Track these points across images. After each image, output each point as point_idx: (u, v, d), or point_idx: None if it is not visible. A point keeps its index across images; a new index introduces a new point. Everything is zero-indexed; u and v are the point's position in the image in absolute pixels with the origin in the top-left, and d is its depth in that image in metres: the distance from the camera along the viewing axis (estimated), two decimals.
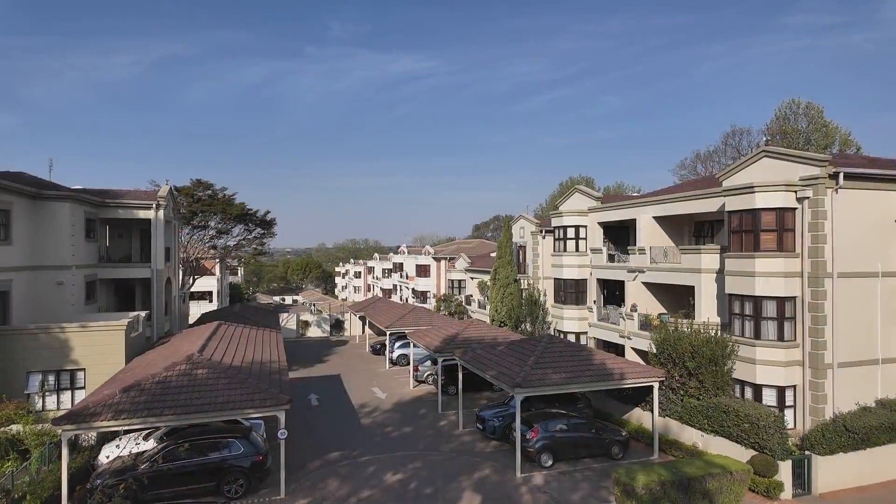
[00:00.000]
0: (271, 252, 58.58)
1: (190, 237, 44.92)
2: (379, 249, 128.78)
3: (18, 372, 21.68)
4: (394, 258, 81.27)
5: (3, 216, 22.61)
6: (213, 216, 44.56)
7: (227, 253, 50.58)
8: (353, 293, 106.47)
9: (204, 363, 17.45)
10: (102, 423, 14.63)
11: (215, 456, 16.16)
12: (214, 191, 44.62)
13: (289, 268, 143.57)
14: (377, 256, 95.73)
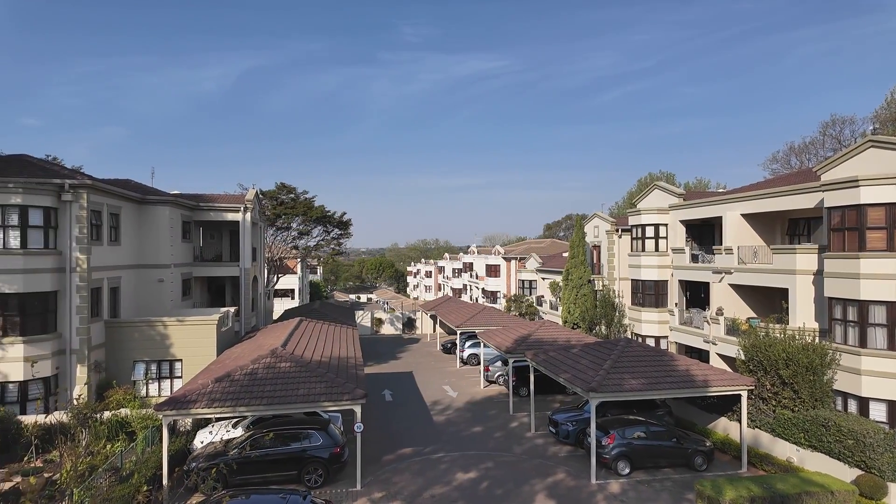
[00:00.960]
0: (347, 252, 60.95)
1: (274, 238, 47.54)
2: (449, 249, 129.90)
3: (126, 360, 23.97)
4: (463, 258, 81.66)
5: (113, 220, 25.06)
6: (295, 218, 46.85)
7: (308, 253, 52.99)
8: (424, 292, 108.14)
9: (287, 357, 18.40)
10: (198, 410, 15.84)
11: (296, 446, 16.99)
12: (296, 194, 46.93)
13: (364, 267, 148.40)
14: (447, 256, 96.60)
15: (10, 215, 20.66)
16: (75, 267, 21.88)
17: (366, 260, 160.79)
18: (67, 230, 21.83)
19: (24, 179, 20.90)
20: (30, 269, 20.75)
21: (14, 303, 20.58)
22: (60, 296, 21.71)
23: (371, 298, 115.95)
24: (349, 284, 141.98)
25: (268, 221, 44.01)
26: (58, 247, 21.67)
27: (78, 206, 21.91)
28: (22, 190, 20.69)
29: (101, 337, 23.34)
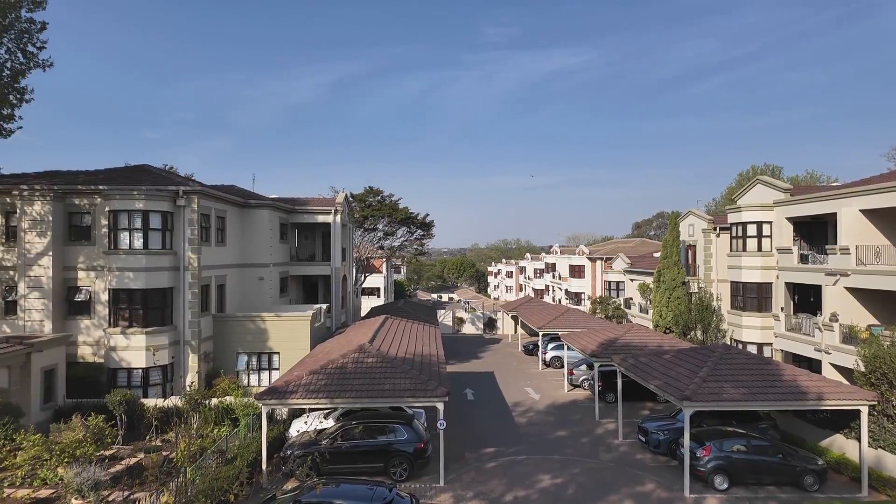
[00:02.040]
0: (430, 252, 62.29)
1: (362, 238, 49.53)
2: (530, 249, 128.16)
3: (231, 352, 26.03)
4: (546, 258, 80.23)
5: (220, 222, 27.31)
6: (381, 220, 48.55)
7: (392, 253, 54.67)
8: (505, 292, 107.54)
9: (373, 353, 19.08)
10: (294, 401, 16.87)
11: (383, 439, 17.57)
12: (383, 197, 48.62)
13: (445, 267, 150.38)
14: (528, 256, 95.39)
15: (135, 219, 23.18)
16: (188, 266, 24.11)
17: (447, 260, 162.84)
18: (181, 232, 24.11)
19: (145, 187, 23.37)
20: (151, 268, 23.16)
21: (138, 297, 23.07)
22: (175, 292, 24.02)
23: (452, 298, 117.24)
24: (431, 284, 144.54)
25: (356, 223, 45.90)
26: (173, 247, 24.00)
27: (190, 211, 24.14)
28: (144, 196, 23.15)
29: (209, 330, 25.54)
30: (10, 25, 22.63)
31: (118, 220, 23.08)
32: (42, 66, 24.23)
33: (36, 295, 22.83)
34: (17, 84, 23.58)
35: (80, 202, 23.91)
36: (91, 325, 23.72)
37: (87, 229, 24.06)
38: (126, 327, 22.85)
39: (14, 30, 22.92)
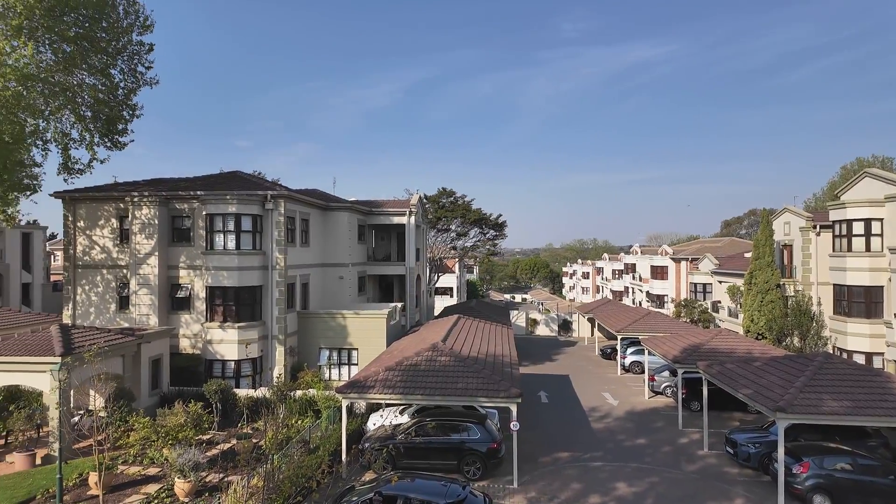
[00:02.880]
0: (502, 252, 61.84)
1: (435, 239, 50.30)
2: (608, 249, 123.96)
3: (313, 347, 27.40)
4: (625, 258, 77.29)
5: (304, 224, 28.81)
6: (454, 220, 49.05)
7: (465, 253, 55.04)
8: (581, 294, 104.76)
9: (446, 351, 19.35)
10: (372, 395, 17.49)
11: (456, 437, 17.77)
12: (456, 198, 49.12)
13: (518, 267, 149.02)
14: (606, 257, 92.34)
15: (228, 222, 25.01)
16: (275, 265, 25.67)
17: (520, 260, 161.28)
18: (269, 234, 25.71)
19: (237, 192, 25.16)
20: (243, 267, 24.89)
21: (231, 294, 24.88)
22: (264, 290, 25.64)
23: (525, 298, 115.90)
24: (504, 284, 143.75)
25: (429, 224, 46.69)
26: (262, 248, 25.64)
27: (277, 214, 25.68)
28: (236, 201, 24.92)
29: (294, 325, 27.03)
30: (123, 48, 25.16)
31: (214, 223, 25.02)
32: (149, 83, 26.73)
33: (144, 291, 25.26)
34: (130, 101, 26.18)
35: (181, 207, 26.16)
36: (190, 319, 25.88)
37: (188, 231, 26.28)
38: (221, 322, 24.72)
39: (126, 52, 25.46)
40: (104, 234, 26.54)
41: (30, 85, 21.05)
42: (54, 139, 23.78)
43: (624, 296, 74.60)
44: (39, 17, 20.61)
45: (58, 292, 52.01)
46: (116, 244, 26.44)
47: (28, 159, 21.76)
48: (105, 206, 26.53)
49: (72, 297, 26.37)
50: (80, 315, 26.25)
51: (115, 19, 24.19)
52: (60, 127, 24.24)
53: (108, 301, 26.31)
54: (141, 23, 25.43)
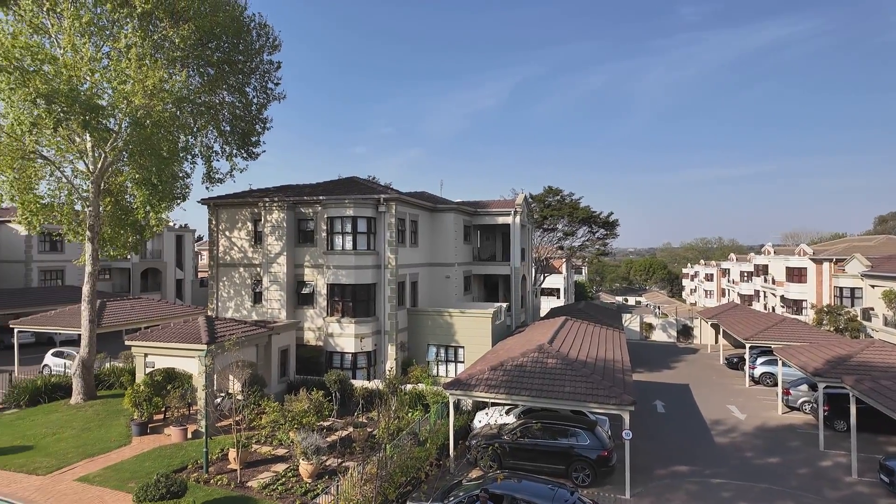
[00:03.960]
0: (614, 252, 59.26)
1: (540, 239, 49.54)
2: (735, 249, 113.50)
3: (422, 343, 28.33)
4: (755, 259, 70.22)
5: (413, 225, 29.91)
6: (561, 219, 47.94)
7: (573, 253, 53.54)
8: (704, 297, 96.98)
9: (553, 354, 18.99)
10: (477, 393, 17.70)
11: (564, 442, 17.37)
12: (562, 196, 48.00)
13: (631, 268, 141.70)
14: (733, 257, 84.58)
15: (346, 224, 26.72)
16: (387, 264, 26.95)
17: (634, 261, 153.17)
18: (382, 235, 27.05)
19: (353, 196, 26.79)
20: (358, 266, 26.46)
21: (348, 292, 26.55)
22: (377, 287, 27.03)
23: (640, 301, 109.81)
24: (615, 286, 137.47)
25: (535, 223, 46.08)
26: (376, 248, 27.05)
27: (389, 216, 26.94)
28: (353, 204, 26.54)
29: (404, 322, 28.17)
30: (255, 68, 27.96)
31: (333, 225, 26.89)
32: (278, 98, 29.41)
33: (275, 288, 27.81)
34: (261, 116, 29.01)
35: (306, 210, 28.43)
36: (314, 314, 28.02)
37: (311, 233, 28.49)
38: (339, 317, 26.49)
39: (258, 71, 28.25)
40: (241, 236, 29.66)
41: (182, 106, 24.16)
42: (200, 153, 27.06)
43: (754, 300, 67.84)
44: (189, 47, 23.58)
45: (204, 287, 59.23)
46: (251, 245, 29.41)
47: (180, 171, 25.00)
48: (241, 211, 29.63)
49: (215, 291, 29.80)
50: (221, 308, 29.58)
51: (248, 42, 26.96)
52: (205, 141, 27.55)
53: (244, 296, 29.35)
54: (270, 43, 28.08)
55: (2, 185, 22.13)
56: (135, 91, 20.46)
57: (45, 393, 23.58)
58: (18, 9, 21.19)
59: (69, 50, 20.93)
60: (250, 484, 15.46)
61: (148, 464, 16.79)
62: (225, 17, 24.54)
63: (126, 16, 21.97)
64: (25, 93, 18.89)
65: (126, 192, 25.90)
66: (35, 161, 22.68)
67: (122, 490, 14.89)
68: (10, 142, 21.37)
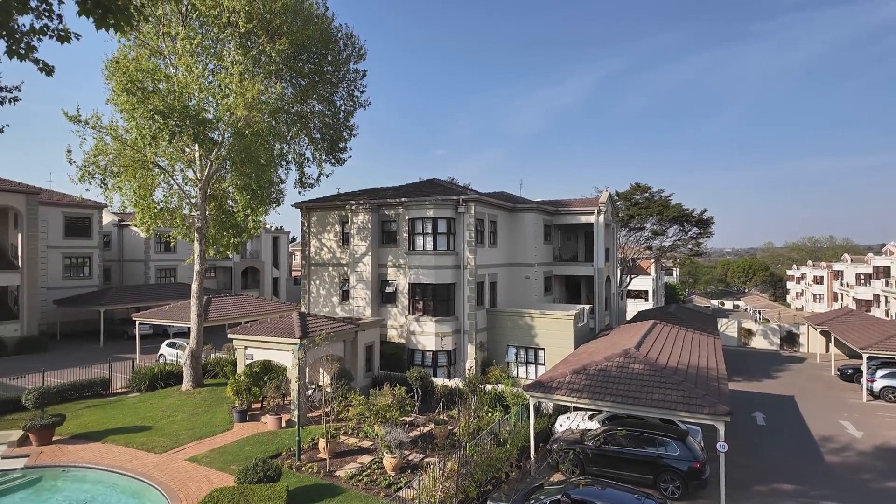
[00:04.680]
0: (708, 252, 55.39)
1: (627, 238, 47.61)
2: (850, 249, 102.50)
3: (501, 344, 28.25)
4: (874, 260, 62.99)
5: (492, 226, 29.93)
6: (649, 218, 45.82)
7: (662, 253, 50.94)
8: (812, 302, 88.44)
9: (639, 359, 18.21)
10: (558, 397, 17.38)
11: (651, 451, 16.61)
12: (651, 193, 45.87)
13: (728, 269, 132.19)
14: (847, 258, 76.42)
15: (426, 225, 27.28)
16: (466, 264, 27.18)
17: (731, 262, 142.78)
18: (461, 235, 27.33)
19: (433, 198, 27.29)
20: (438, 266, 26.92)
21: (429, 291, 27.09)
22: (457, 287, 27.34)
23: (737, 305, 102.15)
24: (710, 289, 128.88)
25: (621, 222, 44.36)
26: (455, 249, 27.37)
27: (468, 216, 27.16)
28: (433, 206, 27.04)
29: (483, 322, 28.25)
30: (343, 77, 29.32)
31: (415, 226, 27.56)
32: (363, 105, 30.63)
33: (360, 286, 28.99)
34: (348, 123, 30.36)
35: (389, 212, 29.36)
36: (396, 312, 28.87)
37: (394, 234, 29.39)
38: (420, 315, 27.10)
39: (346, 80, 29.59)
40: (330, 238, 31.20)
41: (277, 116, 25.88)
42: (293, 159, 28.83)
43: (873, 305, 60.88)
44: (283, 60, 25.20)
45: (297, 285, 62.98)
46: (339, 246, 30.85)
47: (276, 177, 26.82)
48: (330, 213, 31.17)
49: (307, 289, 31.58)
50: (312, 304, 31.28)
51: (336, 52, 28.33)
52: (297, 149, 29.31)
53: (332, 294, 30.85)
54: (357, 53, 29.32)
55: (126, 192, 24.89)
56: (236, 104, 22.22)
57: (161, 379, 26.19)
58: (139, 34, 23.74)
59: (181, 69, 23.14)
60: (338, 473, 16.24)
61: (248, 448, 18.14)
62: (314, 30, 25.98)
63: (229, 35, 23.93)
64: (146, 110, 21.13)
65: (228, 197, 28.17)
66: (153, 170, 25.29)
67: (225, 471, 16.21)
68: (133, 154, 23.98)
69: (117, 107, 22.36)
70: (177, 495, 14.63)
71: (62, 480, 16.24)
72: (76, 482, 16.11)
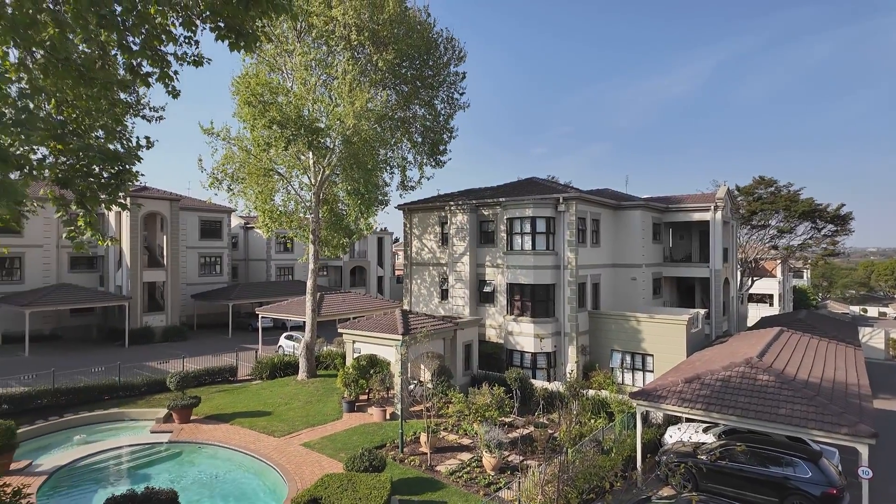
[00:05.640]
0: (847, 252, 48.74)
1: (749, 237, 43.59)
2: None
3: (605, 348, 27.14)
4: None
5: (595, 224, 28.86)
6: (775, 214, 41.60)
7: (790, 253, 45.94)
8: None
9: (764, 369, 16.58)
10: (668, 407, 16.35)
11: (777, 471, 15.06)
12: (777, 187, 41.63)
13: (872, 272, 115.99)
14: None
15: (525, 225, 26.98)
16: (567, 265, 26.47)
17: (876, 263, 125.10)
18: (561, 235, 26.67)
19: (532, 196, 26.90)
20: (537, 266, 26.50)
21: (527, 291, 26.77)
22: (557, 288, 26.73)
23: (884, 313, 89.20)
24: (850, 293, 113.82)
25: (741, 219, 40.72)
26: (555, 248, 26.77)
27: (569, 215, 26.44)
28: (532, 204, 26.67)
29: (585, 325, 27.34)
30: (443, 80, 29.91)
31: (513, 226, 27.38)
32: (463, 108, 31.01)
33: (459, 286, 29.39)
34: (448, 125, 30.92)
35: (487, 213, 29.45)
36: (494, 311, 28.89)
37: (491, 234, 29.43)
38: (518, 316, 26.87)
39: (445, 83, 30.16)
40: (430, 238, 31.99)
41: (382, 123, 27.05)
42: (396, 164, 29.95)
43: None
44: (388, 68, 26.29)
45: (399, 284, 65.43)
46: (439, 246, 31.53)
47: (381, 181, 28.07)
48: (430, 214, 31.96)
49: (408, 288, 32.66)
50: (413, 303, 32.27)
51: (437, 57, 28.99)
52: (400, 153, 30.41)
53: (432, 292, 31.61)
54: (457, 55, 29.77)
55: (249, 197, 27.39)
56: (346, 113, 23.56)
57: (280, 369, 28.48)
58: (261, 52, 26.03)
59: (297, 82, 25.01)
60: (438, 468, 16.59)
61: (355, 438, 19.15)
62: (417, 38, 26.80)
63: (340, 48, 25.46)
64: (265, 121, 23.12)
65: (339, 200, 29.94)
66: (272, 177, 27.58)
67: (334, 458, 17.24)
68: (256, 161, 26.33)
69: (241, 119, 24.70)
70: (293, 477, 15.83)
71: (198, 455, 18.26)
72: (209, 458, 18.03)
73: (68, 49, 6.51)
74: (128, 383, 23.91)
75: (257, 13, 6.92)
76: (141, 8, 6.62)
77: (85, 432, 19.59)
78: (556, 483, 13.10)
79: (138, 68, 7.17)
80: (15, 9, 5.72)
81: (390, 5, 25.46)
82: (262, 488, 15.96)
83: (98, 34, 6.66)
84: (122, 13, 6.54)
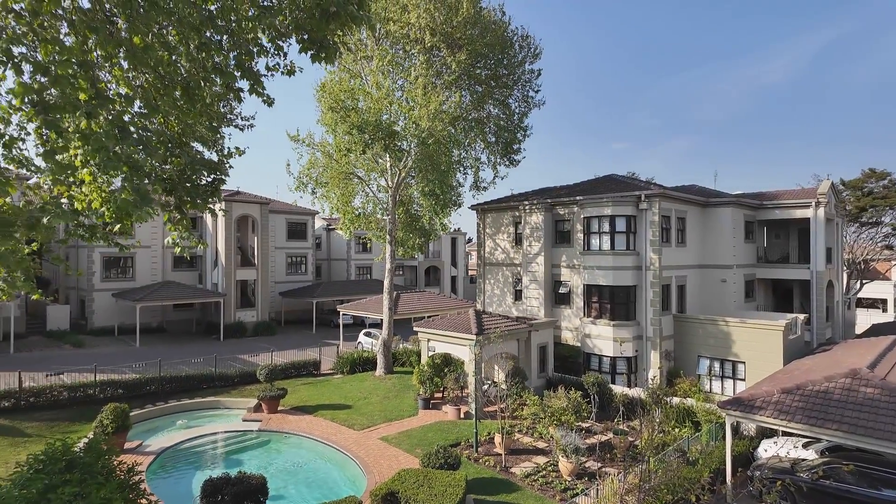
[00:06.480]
0: None
1: (857, 236, 39.54)
2: None
3: (691, 354, 25.69)
4: None
5: (680, 223, 27.38)
6: (888, 210, 37.44)
7: None
8: None
9: (874, 382, 14.97)
10: (763, 418, 15.18)
11: (890, 495, 13.54)
12: (891, 180, 37.47)
13: None
14: None
15: (603, 224, 26.12)
16: (649, 265, 25.32)
17: None
18: (643, 234, 25.54)
19: (611, 195, 25.97)
20: (617, 267, 25.56)
21: (606, 293, 25.89)
22: (638, 290, 25.64)
23: None
24: None
25: (848, 216, 37.01)
26: (636, 248, 25.69)
27: (651, 213, 25.27)
28: (611, 203, 25.76)
29: (669, 329, 26.01)
30: (518, 79, 29.64)
31: (590, 225, 26.59)
32: (538, 105, 30.57)
33: (533, 286, 29.00)
34: (522, 124, 30.60)
35: (562, 212, 28.84)
36: (570, 313, 28.22)
37: (567, 234, 28.77)
38: (596, 318, 26.06)
39: (520, 82, 29.86)
40: (503, 238, 31.84)
41: (456, 124, 27.28)
42: (470, 164, 30.08)
43: None
44: (462, 70, 26.47)
45: (472, 284, 65.68)
46: (512, 246, 31.31)
47: (455, 182, 28.31)
48: (504, 214, 31.79)
49: (482, 288, 32.69)
50: (487, 303, 32.25)
51: (512, 56, 28.77)
52: (474, 154, 30.49)
53: (506, 293, 31.43)
54: (532, 53, 29.39)
55: (331, 200, 28.64)
56: (421, 115, 24.01)
57: (359, 364, 29.54)
58: (341, 60, 27.13)
59: (375, 87, 25.82)
60: (513, 470, 16.47)
61: (430, 434, 19.46)
62: (492, 38, 26.76)
63: (416, 52, 25.99)
64: (347, 126, 24.07)
65: (414, 202, 30.57)
66: (352, 180, 28.66)
67: (411, 454, 17.62)
68: (337, 166, 27.49)
69: (324, 124, 25.86)
70: (371, 470, 16.37)
71: (284, 444, 19.36)
72: (294, 447, 19.07)
73: (177, 71, 7.20)
74: (222, 374, 25.81)
75: (337, 25, 7.25)
76: (235, 26, 7.16)
77: (186, 417, 21.41)
78: (637, 492, 12.58)
79: (233, 85, 7.78)
80: (131, 35, 6.38)
81: (464, 6, 25.61)
82: (342, 479, 16.64)
83: (199, 56, 7.28)
84: (218, 30, 7.11)
